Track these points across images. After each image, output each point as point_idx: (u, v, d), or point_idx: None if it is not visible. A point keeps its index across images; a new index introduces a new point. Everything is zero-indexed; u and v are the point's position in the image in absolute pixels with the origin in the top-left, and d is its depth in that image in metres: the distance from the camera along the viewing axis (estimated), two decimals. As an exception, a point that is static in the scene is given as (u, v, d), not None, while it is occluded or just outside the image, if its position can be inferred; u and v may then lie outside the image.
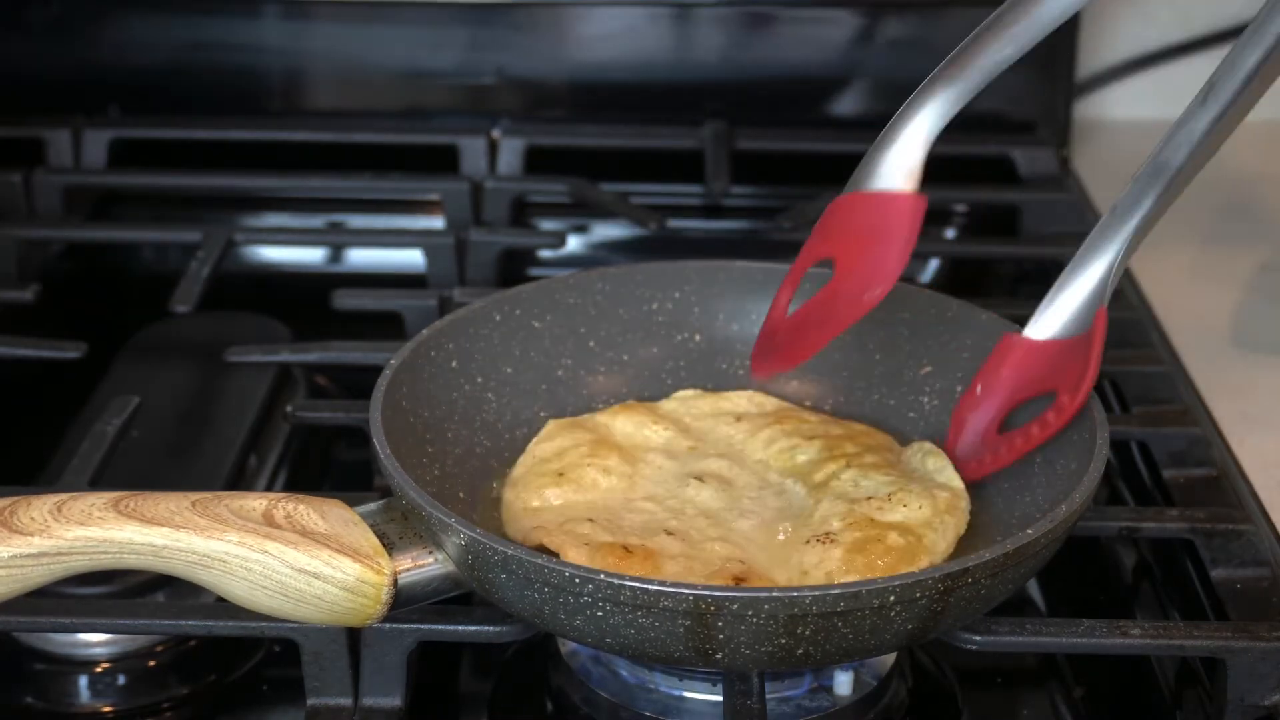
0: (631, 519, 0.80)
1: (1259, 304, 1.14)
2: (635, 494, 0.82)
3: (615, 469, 0.83)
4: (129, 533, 0.68)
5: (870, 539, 0.77)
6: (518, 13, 1.27)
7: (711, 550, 0.78)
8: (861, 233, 0.81)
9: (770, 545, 0.79)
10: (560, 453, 0.84)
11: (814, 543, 0.77)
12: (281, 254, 1.26)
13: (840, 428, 0.87)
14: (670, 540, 0.78)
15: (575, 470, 0.82)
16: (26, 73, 1.28)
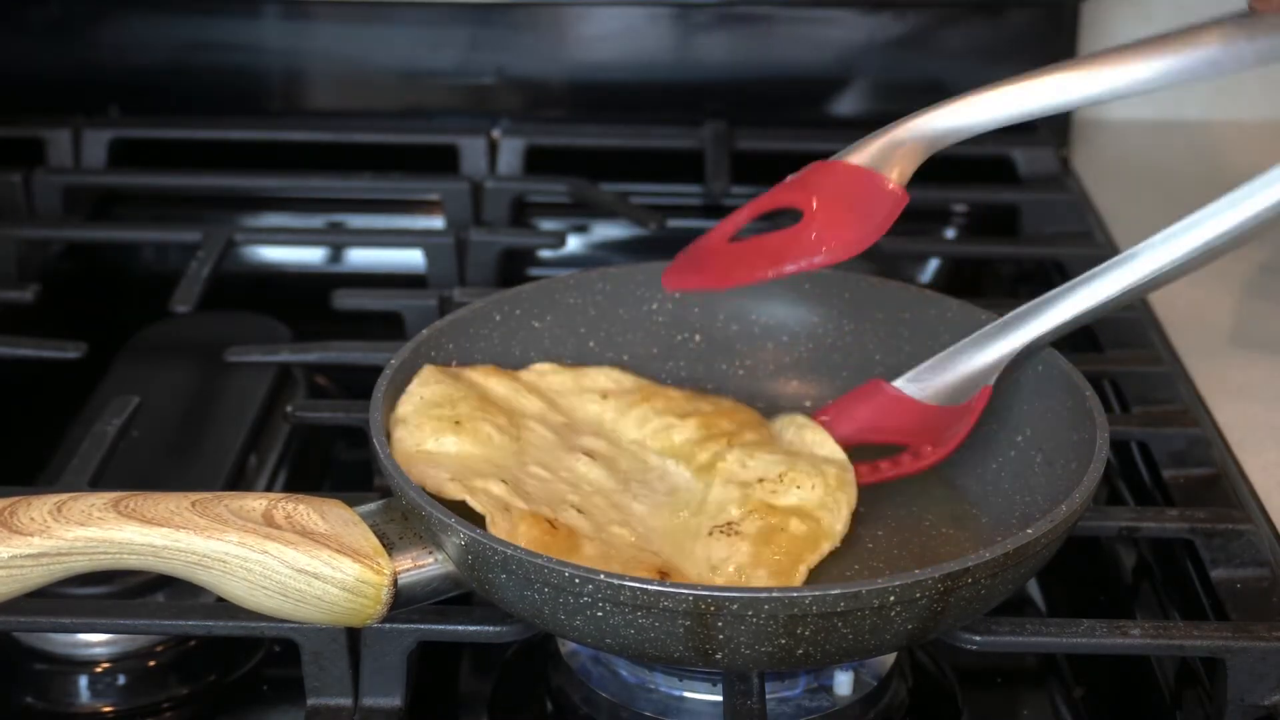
0: (533, 485, 0.79)
1: (1259, 304, 1.14)
2: (526, 459, 0.81)
3: (505, 429, 0.82)
4: (129, 533, 0.68)
5: (773, 529, 0.78)
6: (518, 13, 1.27)
7: (619, 536, 0.78)
8: (838, 199, 0.81)
9: (671, 532, 0.79)
10: (450, 400, 0.82)
11: (717, 534, 0.78)
12: (281, 254, 1.26)
13: (709, 403, 0.87)
14: (579, 518, 0.78)
15: (471, 422, 0.81)
16: (26, 73, 1.28)
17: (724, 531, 0.78)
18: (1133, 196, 1.27)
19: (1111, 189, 1.26)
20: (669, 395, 0.88)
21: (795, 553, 0.78)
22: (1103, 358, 1.01)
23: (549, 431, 0.84)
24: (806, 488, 0.80)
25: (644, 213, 1.17)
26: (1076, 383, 0.82)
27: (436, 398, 0.82)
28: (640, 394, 0.88)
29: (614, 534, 0.78)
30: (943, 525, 0.83)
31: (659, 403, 0.87)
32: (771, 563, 0.77)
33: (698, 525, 0.80)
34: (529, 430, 0.83)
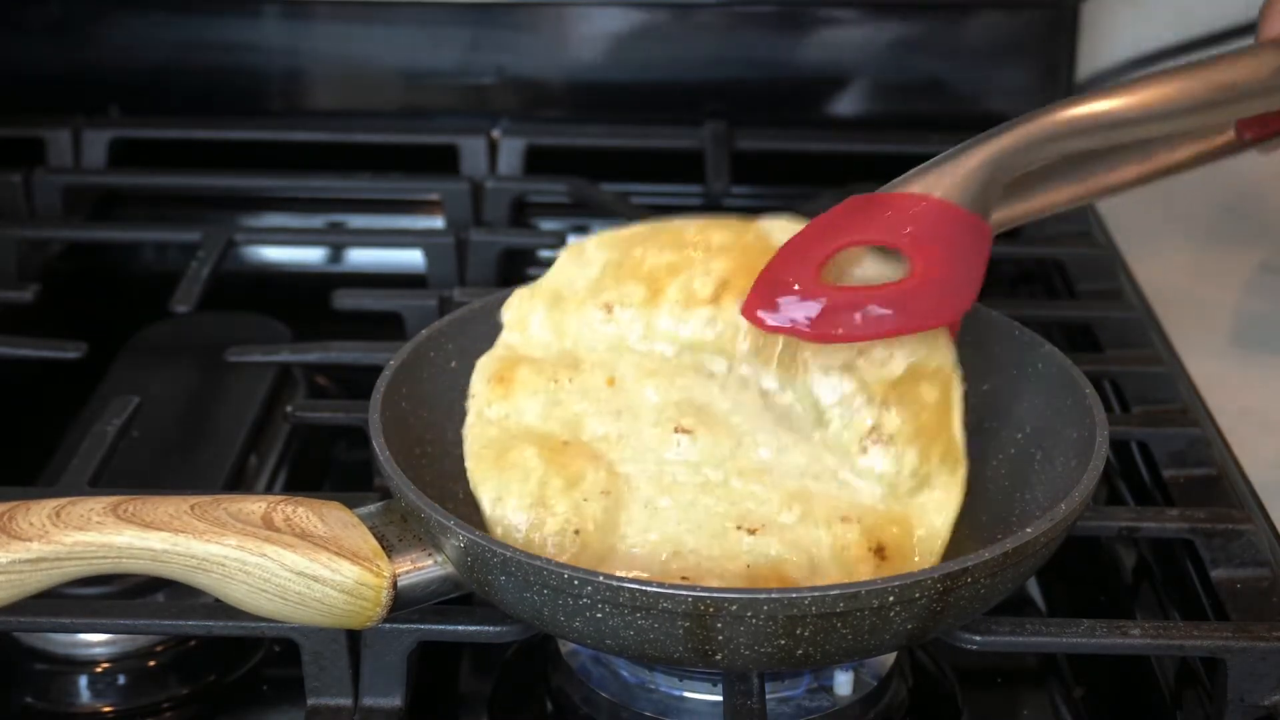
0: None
1: (1259, 304, 1.14)
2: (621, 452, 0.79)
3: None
4: (128, 537, 0.68)
5: (916, 411, 0.77)
6: (518, 13, 1.27)
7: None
8: (949, 246, 0.76)
9: (814, 471, 0.77)
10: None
11: (871, 446, 0.77)
12: (281, 254, 1.26)
13: (703, 261, 0.81)
14: (763, 541, 0.76)
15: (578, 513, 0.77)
16: (26, 73, 1.28)
17: (875, 440, 0.77)
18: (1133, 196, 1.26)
19: (1111, 189, 1.26)
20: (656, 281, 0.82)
21: (945, 417, 0.76)
22: (1103, 357, 1.01)
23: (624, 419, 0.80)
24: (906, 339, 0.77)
25: (644, 213, 1.17)
26: (1076, 380, 0.82)
27: (526, 509, 0.77)
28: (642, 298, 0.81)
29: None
30: (942, 525, 0.83)
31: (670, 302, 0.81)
32: (937, 444, 0.76)
33: (842, 442, 0.77)
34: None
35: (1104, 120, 0.78)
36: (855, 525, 0.76)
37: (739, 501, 0.77)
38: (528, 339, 0.82)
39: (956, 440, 0.78)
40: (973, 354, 0.88)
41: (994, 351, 0.87)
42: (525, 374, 0.80)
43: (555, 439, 0.78)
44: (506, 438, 0.79)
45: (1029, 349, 0.86)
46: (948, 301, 0.77)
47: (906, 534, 0.77)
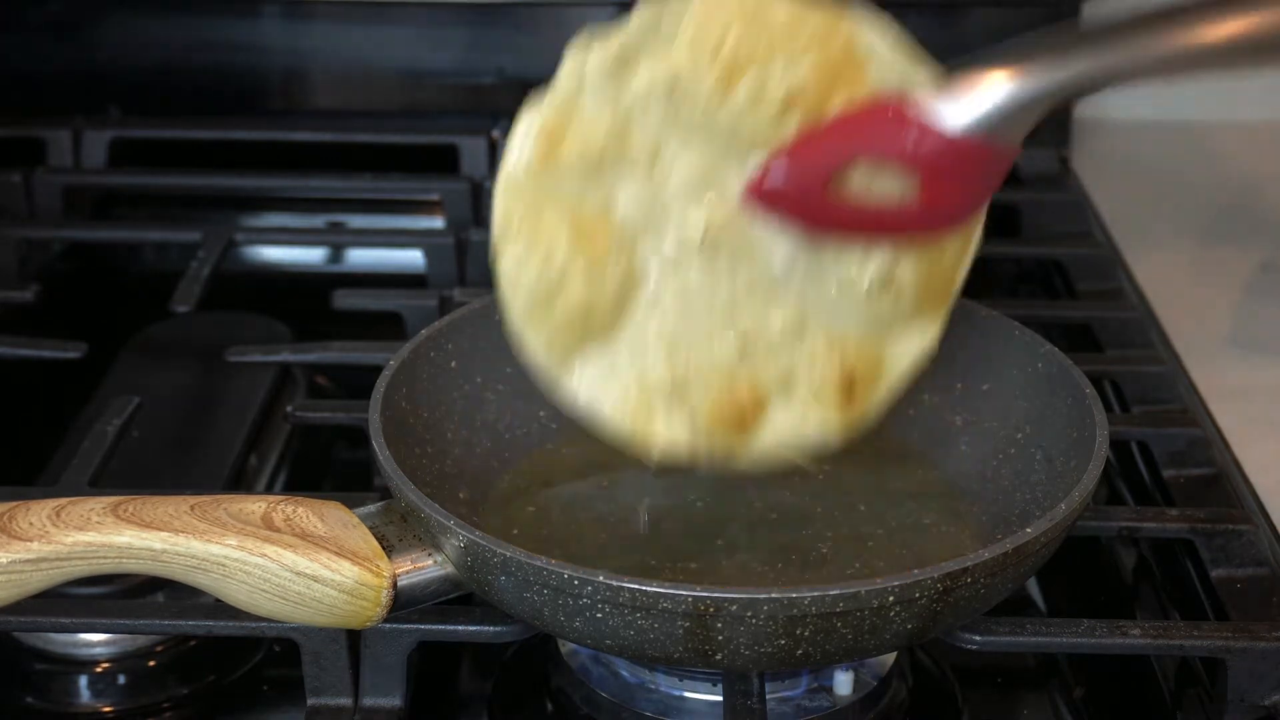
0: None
1: (1259, 304, 1.14)
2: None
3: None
4: (128, 537, 0.68)
5: (927, 253, 0.76)
6: (518, 13, 1.27)
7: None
8: (965, 182, 0.74)
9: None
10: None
11: (877, 286, 0.76)
12: (281, 254, 1.26)
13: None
14: (750, 353, 0.77)
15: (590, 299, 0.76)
16: (26, 73, 1.28)
17: (884, 284, 0.76)
18: (1133, 196, 1.27)
19: (1111, 189, 1.26)
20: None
21: (954, 275, 0.77)
22: (1103, 357, 1.01)
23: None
24: None
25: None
26: (1076, 380, 0.82)
27: (542, 288, 0.76)
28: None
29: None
30: (942, 524, 0.83)
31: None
32: (938, 299, 0.77)
33: (850, 275, 0.76)
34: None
35: (1199, 55, 0.73)
36: (836, 356, 0.77)
37: (740, 308, 0.77)
38: (583, 95, 0.78)
39: (952, 298, 0.78)
40: (973, 354, 0.88)
41: (994, 351, 0.87)
42: (574, 137, 0.77)
43: (589, 212, 0.76)
44: (542, 198, 0.76)
45: (1029, 349, 0.86)
46: (954, 218, 0.76)
47: (875, 376, 0.78)
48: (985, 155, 0.73)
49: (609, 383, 0.78)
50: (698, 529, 0.82)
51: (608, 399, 0.78)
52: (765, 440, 0.79)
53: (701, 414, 0.77)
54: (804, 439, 0.79)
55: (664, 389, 0.77)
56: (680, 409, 0.77)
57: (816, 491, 0.85)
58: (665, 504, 0.84)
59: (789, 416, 0.78)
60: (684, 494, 0.85)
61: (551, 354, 0.78)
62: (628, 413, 0.78)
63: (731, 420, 0.78)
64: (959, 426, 0.87)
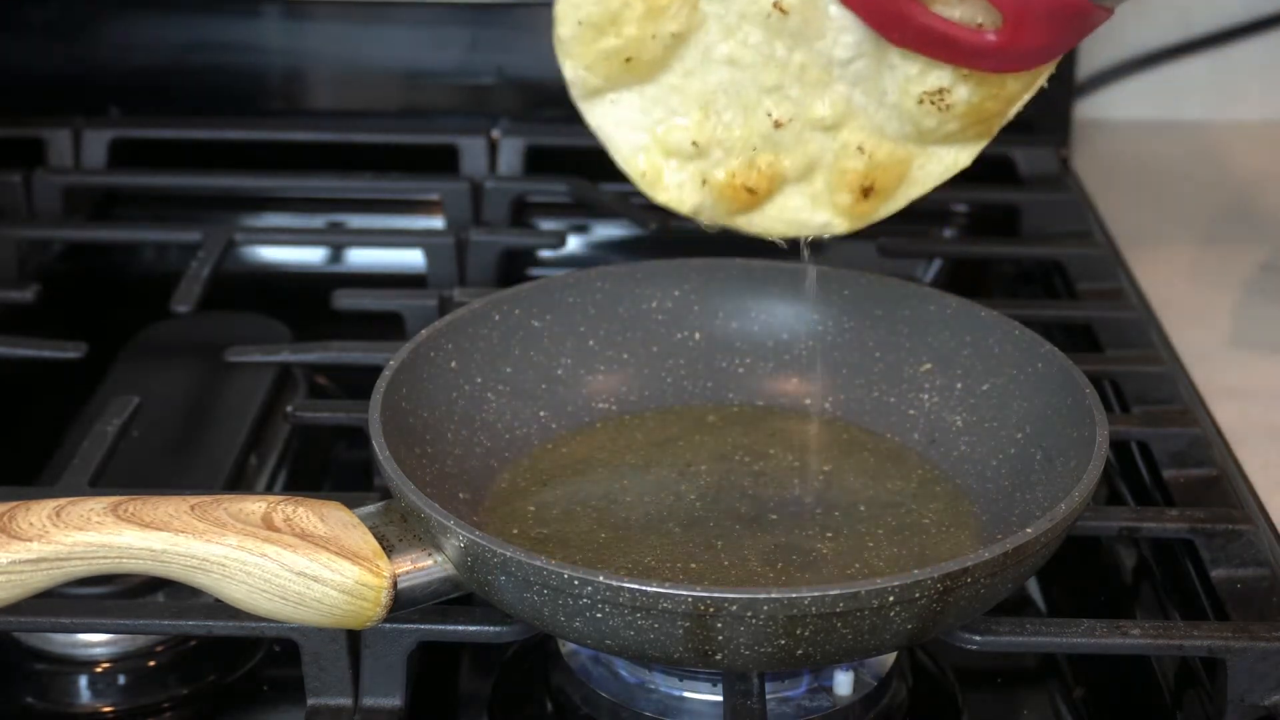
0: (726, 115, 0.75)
1: (1259, 304, 1.14)
2: (709, 75, 0.76)
3: (680, 35, 0.75)
4: (128, 538, 0.68)
5: (992, 80, 0.74)
6: (518, 13, 1.27)
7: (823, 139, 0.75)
8: (1053, 29, 0.72)
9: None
10: (613, 16, 0.73)
11: (928, 100, 0.75)
12: (281, 254, 1.26)
13: None
14: (781, 134, 0.75)
15: (643, 49, 0.74)
16: (26, 73, 1.28)
17: (934, 101, 0.75)
18: (1133, 196, 1.27)
19: (1111, 189, 1.27)
20: None
21: (1009, 107, 0.75)
22: (1103, 357, 1.01)
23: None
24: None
25: (644, 213, 1.17)
26: (1076, 380, 0.82)
27: (595, 16, 0.73)
28: None
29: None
30: (942, 524, 0.83)
31: None
32: (985, 125, 0.75)
33: (907, 79, 0.74)
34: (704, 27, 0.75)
35: None
36: (865, 158, 0.76)
37: (786, 85, 0.75)
38: None
39: (999, 126, 0.77)
40: (972, 354, 0.88)
41: (994, 351, 0.87)
42: None
43: None
44: None
45: (1029, 349, 0.86)
46: (1027, 63, 0.74)
47: (898, 179, 0.77)
48: (1080, 9, 0.71)
49: (633, 125, 0.76)
50: (698, 529, 0.82)
51: (627, 141, 0.76)
52: (768, 216, 0.78)
53: (714, 180, 0.76)
54: (806, 225, 0.78)
55: (685, 146, 0.76)
56: (695, 169, 0.76)
57: (816, 491, 0.85)
58: (665, 504, 0.84)
59: (799, 202, 0.77)
60: (684, 494, 0.85)
61: (586, 81, 0.75)
62: (642, 159, 0.77)
63: (742, 193, 0.76)
64: (959, 426, 0.87)
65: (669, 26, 0.73)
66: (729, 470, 0.87)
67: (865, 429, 0.90)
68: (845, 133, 0.76)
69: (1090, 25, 0.73)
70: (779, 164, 0.76)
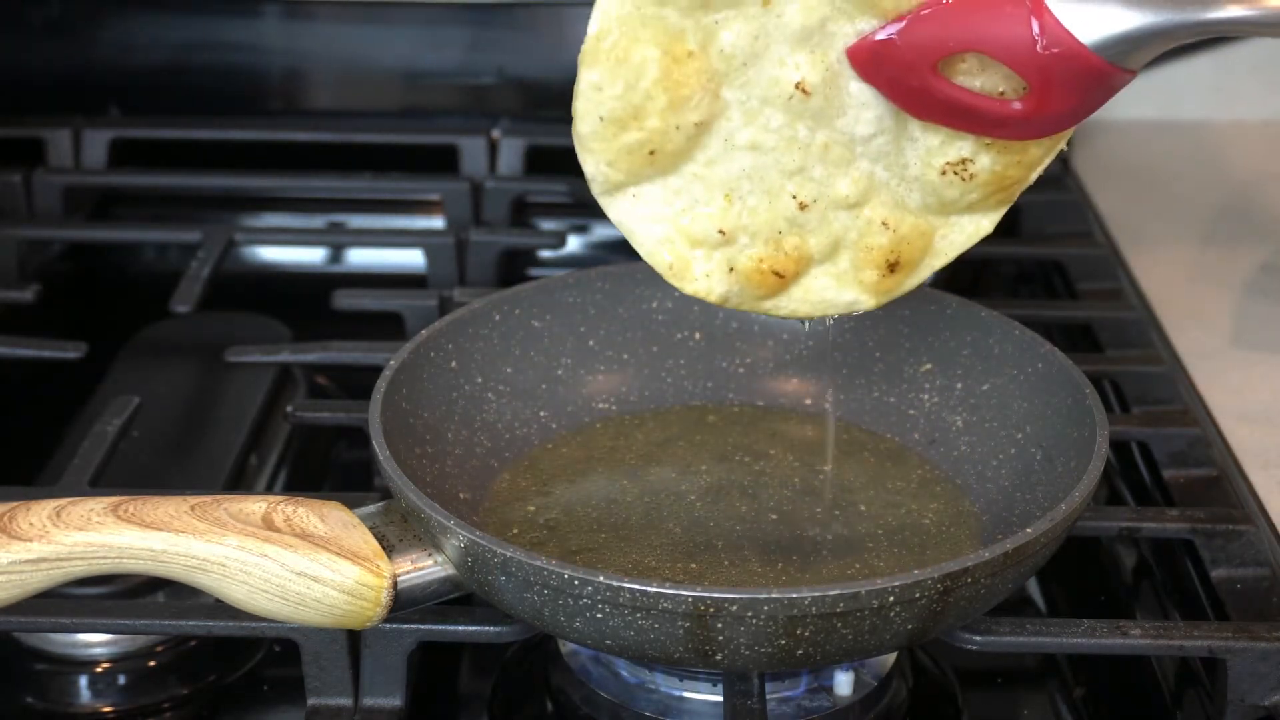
0: (750, 200, 0.75)
1: (1259, 304, 1.14)
2: (732, 164, 0.75)
3: (703, 125, 0.74)
4: (128, 538, 0.68)
5: (1013, 149, 0.74)
6: (518, 13, 1.27)
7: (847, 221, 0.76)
8: (1075, 94, 0.72)
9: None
10: (635, 109, 0.73)
11: (951, 172, 0.75)
12: (281, 254, 1.26)
13: None
14: (806, 216, 0.75)
15: (667, 141, 0.74)
16: (26, 73, 1.28)
17: (957, 172, 0.75)
18: (1133, 196, 1.27)
19: (1111, 189, 1.27)
20: None
21: (1030, 173, 0.75)
22: (1103, 358, 1.01)
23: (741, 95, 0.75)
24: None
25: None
26: (1076, 380, 0.82)
27: (618, 111, 0.73)
28: None
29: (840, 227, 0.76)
30: (942, 524, 0.83)
31: None
32: (1007, 193, 0.76)
33: (928, 151, 0.75)
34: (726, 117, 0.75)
35: None
36: (889, 233, 0.76)
37: (809, 166, 0.75)
38: None
39: (1020, 191, 0.77)
40: (972, 354, 0.88)
41: (994, 351, 0.87)
42: None
43: (684, 44, 0.73)
44: (643, 23, 0.72)
45: (1029, 349, 0.86)
46: (1050, 129, 0.74)
47: (922, 251, 0.77)
48: (1103, 74, 0.71)
49: (656, 218, 0.76)
50: (698, 529, 0.82)
51: (652, 233, 0.76)
52: (795, 299, 0.78)
53: (742, 266, 0.76)
54: (834, 305, 0.79)
55: (711, 235, 0.76)
56: (721, 257, 0.76)
57: (816, 491, 0.85)
58: (665, 504, 0.84)
59: (825, 282, 0.78)
60: (684, 494, 0.85)
61: (609, 177, 0.75)
62: (667, 252, 0.76)
63: (769, 277, 0.77)
64: (959, 426, 0.88)
65: (692, 116, 0.73)
66: (729, 470, 0.87)
67: (865, 429, 0.90)
68: (869, 209, 0.76)
69: (1114, 88, 0.73)
70: (805, 246, 0.76)
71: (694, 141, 0.74)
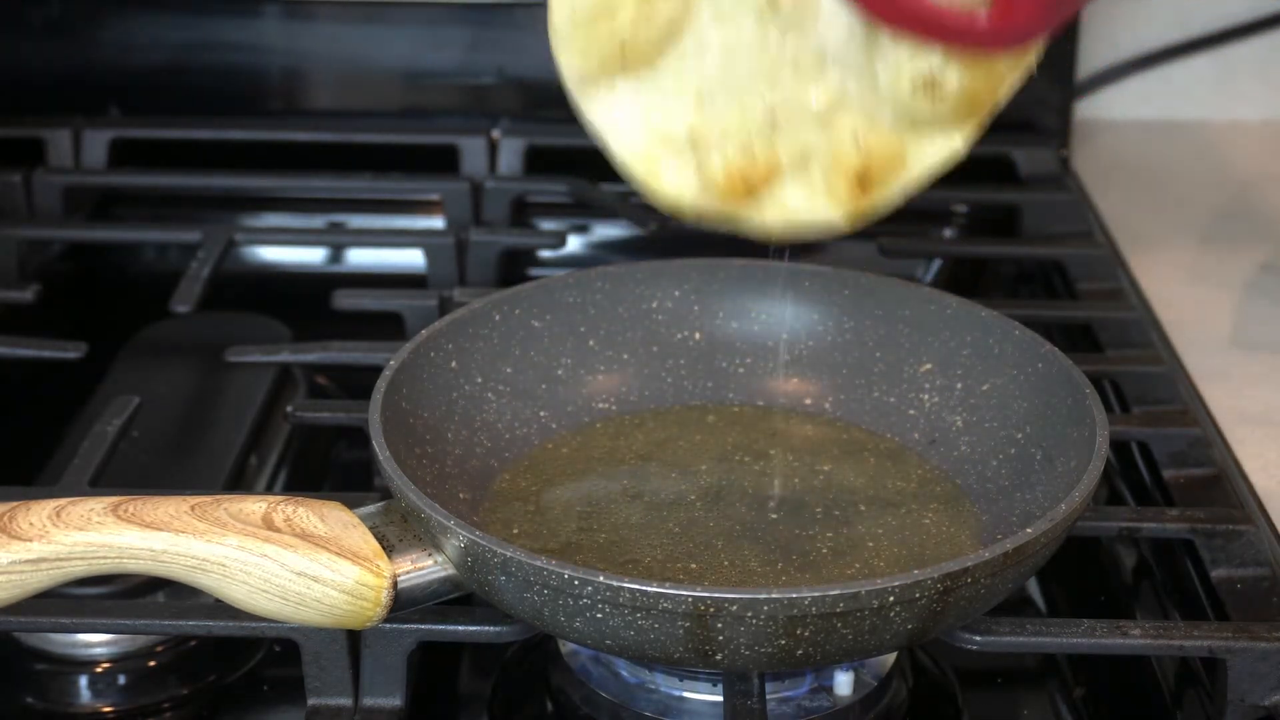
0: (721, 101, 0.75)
1: (1259, 304, 1.14)
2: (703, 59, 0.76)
3: (677, 20, 0.76)
4: (128, 538, 0.68)
5: (979, 62, 0.74)
6: (518, 13, 1.27)
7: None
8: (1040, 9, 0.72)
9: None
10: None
11: (919, 87, 0.75)
12: (281, 254, 1.26)
13: None
14: (776, 123, 0.75)
15: (639, 37, 0.74)
16: (26, 73, 1.28)
17: (925, 87, 0.75)
18: (1133, 196, 1.27)
19: (1111, 189, 1.27)
20: None
21: (999, 87, 0.75)
22: (1103, 357, 1.01)
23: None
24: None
25: (644, 213, 1.17)
26: (1076, 380, 0.82)
27: (590, 2, 0.74)
28: None
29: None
30: (942, 524, 0.83)
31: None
32: (977, 108, 0.75)
33: (898, 65, 0.74)
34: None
35: None
36: (858, 148, 0.76)
37: (780, 77, 0.76)
38: None
39: (989, 109, 0.77)
40: (972, 354, 0.88)
41: (994, 351, 0.87)
42: None
43: None
44: None
45: (1029, 349, 0.86)
46: (1015, 39, 0.74)
47: (893, 167, 0.77)
48: None
49: (629, 118, 0.76)
50: (698, 529, 0.82)
51: (624, 135, 0.76)
52: (768, 211, 0.78)
53: (712, 172, 0.76)
54: (807, 218, 0.78)
55: (681, 139, 0.76)
56: (692, 162, 0.76)
57: (817, 491, 0.85)
58: (665, 504, 0.84)
59: (798, 194, 0.77)
60: (684, 494, 0.85)
61: (582, 73, 0.75)
62: (639, 154, 0.77)
63: (739, 185, 0.76)
64: (959, 426, 0.88)
65: (662, 10, 0.73)
66: (729, 470, 0.87)
67: (865, 429, 0.90)
68: (838, 121, 0.76)
69: (1078, 3, 0.73)
70: (774, 153, 0.76)
71: (666, 38, 0.74)
